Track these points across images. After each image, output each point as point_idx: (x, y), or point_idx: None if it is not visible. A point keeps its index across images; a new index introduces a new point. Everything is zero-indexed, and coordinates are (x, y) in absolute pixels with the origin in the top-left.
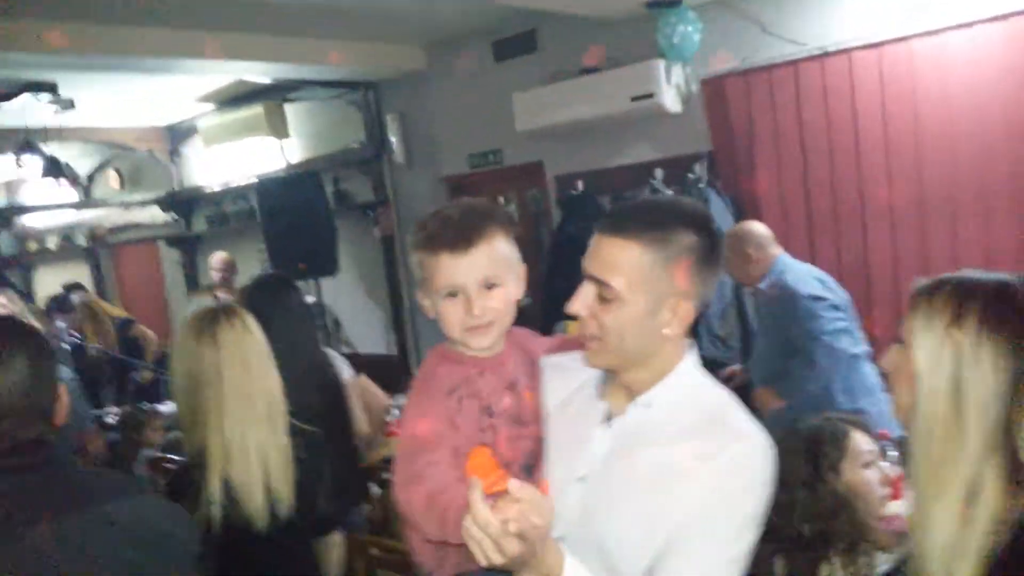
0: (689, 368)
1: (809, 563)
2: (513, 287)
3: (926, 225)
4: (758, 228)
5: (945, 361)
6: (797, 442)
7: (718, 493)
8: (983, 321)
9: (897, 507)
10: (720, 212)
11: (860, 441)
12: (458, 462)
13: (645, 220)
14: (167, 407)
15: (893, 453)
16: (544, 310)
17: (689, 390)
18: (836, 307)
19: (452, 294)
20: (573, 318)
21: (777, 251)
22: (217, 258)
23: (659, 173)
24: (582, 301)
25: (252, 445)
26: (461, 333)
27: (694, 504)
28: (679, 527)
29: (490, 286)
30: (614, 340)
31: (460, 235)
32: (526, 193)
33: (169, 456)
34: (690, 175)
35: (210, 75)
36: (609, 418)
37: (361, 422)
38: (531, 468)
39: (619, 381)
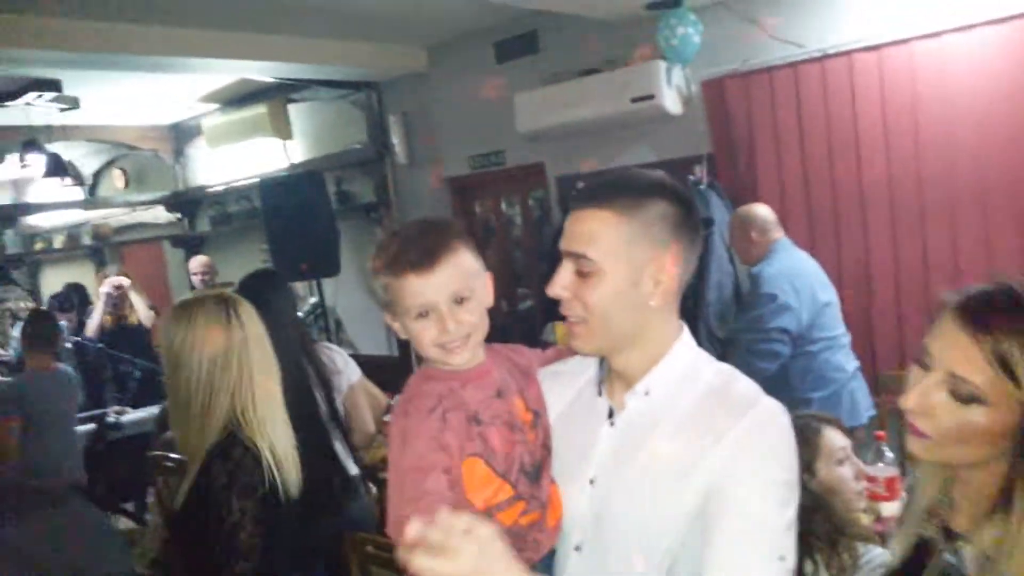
0: (684, 349)
1: None
2: (482, 297)
3: (926, 226)
4: (762, 211)
5: None
6: None
7: (740, 468)
8: None
9: (892, 508)
10: (721, 213)
11: (833, 438)
12: (452, 484)
13: (615, 188)
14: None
15: (890, 455)
16: (542, 311)
17: (687, 370)
18: (785, 330)
19: (423, 314)
20: (565, 318)
21: (779, 235)
22: (197, 262)
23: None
24: (560, 281)
25: (280, 417)
26: (436, 351)
27: (716, 487)
28: (704, 516)
29: (460, 300)
30: (600, 320)
31: (424, 253)
32: (528, 194)
33: (169, 455)
34: (691, 176)
35: (213, 74)
36: (611, 415)
37: (367, 423)
38: (533, 475)
39: (614, 371)
